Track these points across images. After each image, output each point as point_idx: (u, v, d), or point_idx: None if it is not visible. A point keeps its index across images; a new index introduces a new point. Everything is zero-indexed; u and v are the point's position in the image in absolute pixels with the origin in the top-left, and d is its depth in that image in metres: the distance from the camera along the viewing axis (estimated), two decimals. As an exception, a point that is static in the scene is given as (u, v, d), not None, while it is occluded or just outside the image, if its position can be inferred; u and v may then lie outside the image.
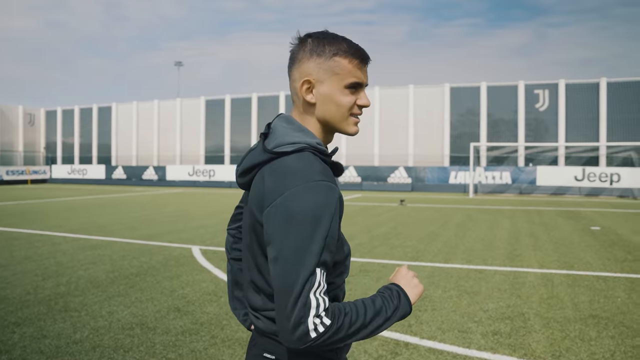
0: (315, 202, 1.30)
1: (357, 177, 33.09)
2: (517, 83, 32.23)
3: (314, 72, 1.45)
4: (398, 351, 4.35)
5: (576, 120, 31.27)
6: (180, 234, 11.42)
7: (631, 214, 17.00)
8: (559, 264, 8.21)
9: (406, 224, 13.49)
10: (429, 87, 33.98)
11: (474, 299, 6.03)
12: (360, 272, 7.50)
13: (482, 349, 4.40)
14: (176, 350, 4.39)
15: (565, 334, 4.80)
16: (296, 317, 1.25)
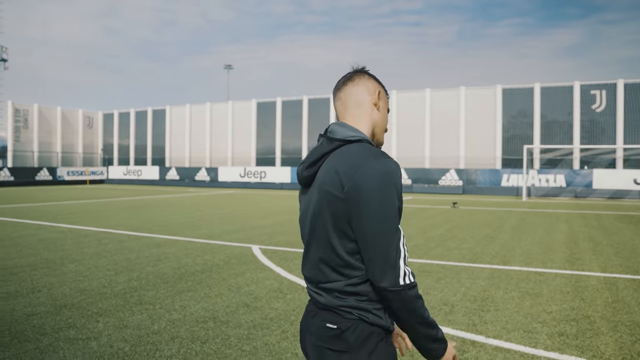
0: (390, 171, 1.69)
1: (407, 179, 33.00)
2: (573, 84, 31.53)
3: (379, 91, 1.95)
4: (465, 349, 4.45)
5: (635, 121, 30.35)
6: (238, 233, 11.73)
7: (695, 219, 16.45)
8: (622, 268, 8.09)
9: (460, 226, 13.46)
10: (481, 89, 33.60)
11: (536, 301, 6.05)
12: (421, 272, 7.59)
13: (549, 349, 4.45)
14: (250, 342, 4.60)
15: (635, 338, 4.78)
16: (392, 261, 1.65)
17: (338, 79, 2.00)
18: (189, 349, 4.42)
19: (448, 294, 6.32)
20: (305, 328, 1.93)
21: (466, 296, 6.24)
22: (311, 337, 1.85)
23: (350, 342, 1.74)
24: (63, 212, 16.75)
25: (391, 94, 35.46)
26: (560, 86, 32.04)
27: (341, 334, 1.75)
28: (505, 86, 33.08)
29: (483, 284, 6.86)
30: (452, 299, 6.12)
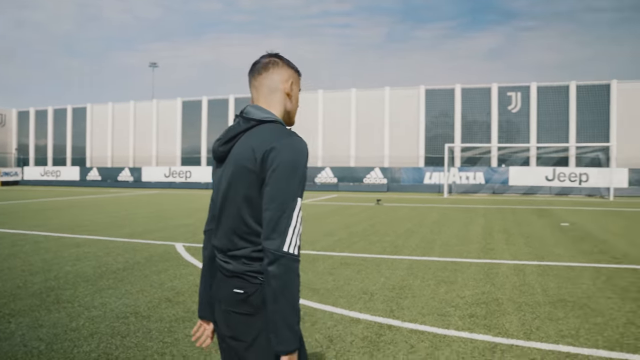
0: (299, 149, 1.86)
1: (333, 178, 33.42)
2: (491, 85, 32.95)
3: (292, 77, 2.08)
4: (382, 332, 4.64)
5: (547, 122, 32.10)
6: (162, 232, 11.58)
7: (598, 212, 17.62)
8: (530, 256, 8.60)
9: (384, 221, 13.83)
10: (405, 89, 34.50)
11: (450, 287, 6.36)
12: (342, 264, 7.79)
13: (460, 329, 4.71)
14: (172, 335, 4.61)
15: (535, 316, 5.15)
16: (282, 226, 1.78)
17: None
18: (109, 344, 4.38)
19: (368, 284, 6.53)
20: (215, 297, 2.03)
21: (385, 285, 6.47)
22: (220, 305, 1.97)
23: (255, 305, 1.87)
24: (-26, 214, 15.92)
25: (318, 94, 35.83)
26: (479, 88, 33.41)
27: (247, 298, 1.87)
28: (428, 87, 34.13)
29: (402, 274, 7.13)
30: (371, 288, 6.33)
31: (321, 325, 4.86)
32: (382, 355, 4.12)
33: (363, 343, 4.38)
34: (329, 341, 4.43)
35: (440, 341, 4.42)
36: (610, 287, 6.43)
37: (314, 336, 4.54)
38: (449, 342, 4.40)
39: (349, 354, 4.16)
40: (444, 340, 4.43)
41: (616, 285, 6.50)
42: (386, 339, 4.47)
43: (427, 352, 4.17)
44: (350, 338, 4.50)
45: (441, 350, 4.21)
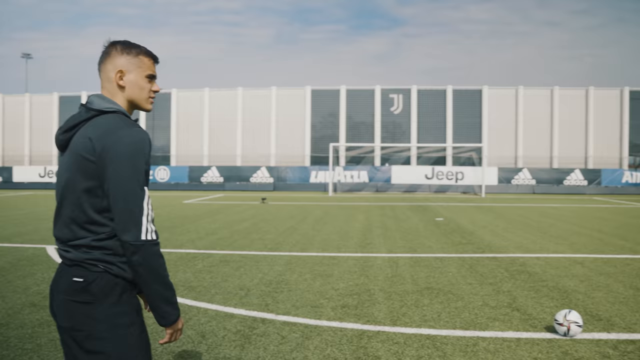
0: (139, 139, 1.88)
1: (219, 177, 33.01)
2: (374, 87, 34.09)
3: (124, 65, 2.02)
4: (255, 326, 4.68)
5: (426, 123, 33.81)
6: (32, 235, 10.89)
7: (471, 207, 18.81)
8: (404, 249, 9.03)
9: (267, 220, 13.89)
10: (291, 89, 34.82)
11: (326, 280, 6.53)
12: (221, 262, 7.75)
13: (331, 319, 4.86)
14: (33, 341, 4.36)
15: (403, 303, 5.42)
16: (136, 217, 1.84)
17: None
18: (-41, 352, 4.07)
19: (245, 280, 6.55)
20: (54, 289, 1.99)
21: (262, 281, 6.52)
22: (59, 295, 1.93)
23: (94, 293, 1.87)
24: None
25: (204, 92, 35.24)
26: (364, 89, 34.46)
27: (87, 286, 1.86)
28: (314, 87, 34.68)
29: (280, 269, 7.22)
30: (248, 284, 6.35)
31: (195, 322, 4.82)
32: (253, 347, 4.16)
33: (235, 337, 4.40)
34: (201, 337, 4.40)
35: (311, 331, 4.53)
36: (472, 274, 6.90)
37: (186, 333, 4.50)
38: (320, 331, 4.53)
39: (220, 347, 4.16)
40: (314, 330, 4.55)
41: (477, 272, 7.00)
42: (258, 332, 4.52)
43: (298, 342, 4.27)
44: (222, 333, 4.50)
45: (311, 339, 4.33)
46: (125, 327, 1.92)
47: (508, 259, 8.05)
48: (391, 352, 4.05)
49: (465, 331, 4.52)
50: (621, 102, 33.25)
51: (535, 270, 7.22)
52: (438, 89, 34.08)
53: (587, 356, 3.99)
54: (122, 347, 1.89)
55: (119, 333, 1.90)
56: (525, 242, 9.92)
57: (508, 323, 4.76)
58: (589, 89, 33.24)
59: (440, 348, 4.13)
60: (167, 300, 1.93)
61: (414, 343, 4.24)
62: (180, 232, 11.11)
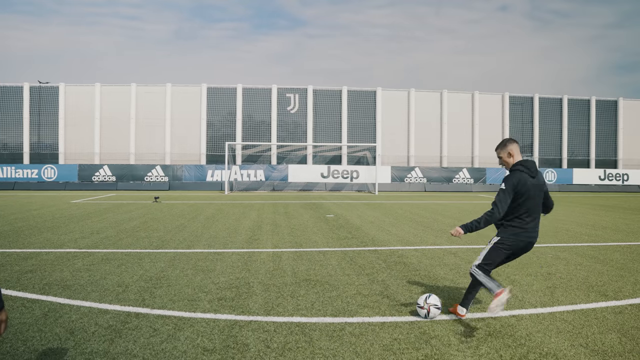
0: None
1: (112, 176, 31.84)
2: (271, 86, 34.23)
3: None
4: (129, 320, 4.66)
5: (322, 122, 34.43)
6: None
7: (362, 204, 19.42)
8: (290, 244, 9.22)
9: (157, 218, 13.63)
10: (187, 87, 34.20)
11: (207, 275, 6.57)
12: (103, 261, 7.56)
13: (206, 312, 4.92)
14: None
15: (279, 294, 5.58)
16: None
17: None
18: None
19: (125, 277, 6.45)
20: None
21: (142, 277, 6.45)
22: None
23: None
24: None
25: (95, 87, 33.80)
26: (261, 88, 34.50)
27: None
28: (210, 85, 34.27)
29: (162, 266, 7.16)
30: (128, 280, 6.27)
31: (65, 319, 4.71)
32: (122, 340, 4.15)
33: (106, 332, 4.36)
34: (69, 333, 4.32)
35: (184, 323, 4.57)
36: (351, 266, 7.20)
37: (54, 331, 4.39)
38: (193, 323, 4.58)
39: (88, 343, 4.11)
40: (187, 322, 4.60)
41: (356, 264, 7.31)
42: (131, 326, 4.50)
43: (169, 333, 4.30)
44: (93, 328, 4.44)
45: (183, 331, 4.37)
46: None
47: (388, 251, 8.46)
48: (260, 339, 4.19)
49: (334, 318, 4.74)
50: (502, 106, 35.60)
51: (412, 261, 7.65)
52: (334, 90, 34.83)
53: (442, 334, 4.33)
54: None
55: None
56: (408, 235, 10.43)
57: (376, 309, 5.04)
58: (475, 93, 35.31)
59: (308, 334, 4.31)
60: None
61: (283, 330, 4.40)
62: (63, 232, 10.67)
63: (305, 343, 4.11)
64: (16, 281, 6.21)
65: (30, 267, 7.05)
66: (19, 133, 33.31)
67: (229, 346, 4.04)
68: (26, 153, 33.18)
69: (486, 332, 4.40)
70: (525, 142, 35.93)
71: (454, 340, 4.20)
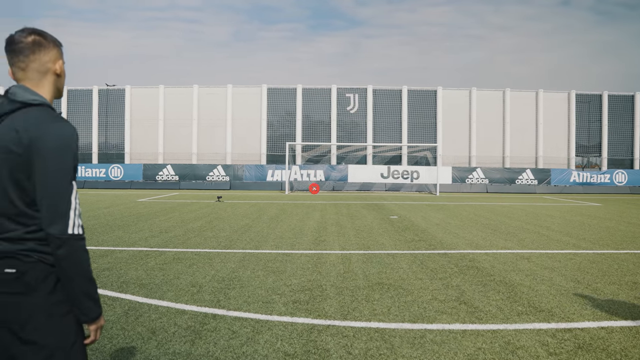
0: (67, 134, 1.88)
1: (174, 175, 32.61)
2: (331, 86, 34.24)
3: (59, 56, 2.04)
4: (206, 322, 4.68)
5: (382, 122, 34.19)
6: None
7: (424, 205, 19.12)
8: (357, 246, 9.13)
9: (222, 218, 13.81)
10: (247, 88, 34.64)
11: (279, 277, 6.56)
12: (174, 260, 7.68)
13: (282, 314, 4.89)
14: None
15: (354, 298, 5.50)
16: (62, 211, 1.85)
17: (7, 42, 1.98)
18: None
19: (198, 277, 6.52)
20: None
21: (215, 278, 6.50)
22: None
23: (28, 282, 1.85)
24: None
25: (159, 89, 34.74)
26: (320, 88, 34.56)
27: (20, 277, 1.84)
28: (271, 86, 34.59)
29: (233, 266, 7.21)
30: (201, 281, 6.33)
31: (145, 318, 4.77)
32: (203, 342, 4.16)
33: (186, 332, 4.39)
34: (151, 333, 4.37)
35: (262, 326, 4.55)
36: (422, 269, 7.04)
37: (136, 329, 4.46)
38: (270, 326, 4.55)
39: (170, 343, 4.14)
40: (265, 325, 4.58)
41: (427, 268, 7.15)
42: (209, 327, 4.51)
43: (248, 336, 4.29)
44: (173, 329, 4.48)
45: (262, 334, 4.35)
46: (60, 317, 1.90)
47: (458, 255, 8.25)
48: (340, 345, 4.11)
49: (413, 324, 4.62)
50: (569, 105, 34.39)
51: (484, 265, 7.42)
52: (393, 89, 34.51)
53: (528, 345, 4.14)
54: (58, 336, 1.89)
55: (55, 322, 1.88)
56: (476, 238, 10.17)
57: (455, 316, 4.89)
58: (539, 92, 34.25)
59: (389, 340, 4.21)
60: (89, 295, 1.94)
61: (362, 336, 4.31)
62: (133, 231, 10.94)
63: (387, 350, 4.01)
64: (95, 278, 6.35)
65: (106, 265, 7.23)
66: (89, 134, 34.56)
67: (310, 351, 3.98)
68: (95, 153, 34.41)
69: (575, 345, 4.18)
70: (592, 141, 34.59)
71: (542, 352, 4.01)
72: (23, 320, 1.85)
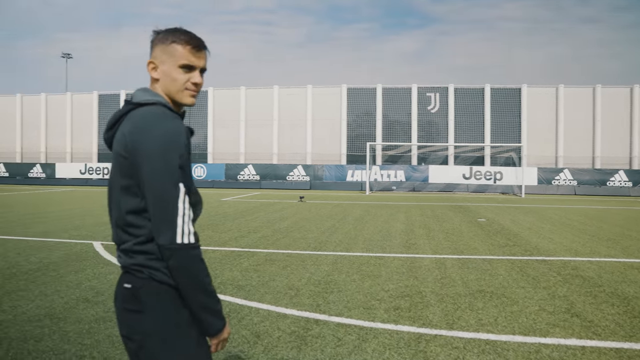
0: (170, 132, 1.72)
1: (255, 175, 33.21)
2: (411, 86, 33.81)
3: (158, 56, 1.86)
4: (309, 327, 4.65)
5: (464, 122, 33.39)
6: (79, 230, 11.09)
7: (511, 208, 18.47)
8: (450, 250, 8.89)
9: (307, 218, 13.88)
10: (327, 88, 34.78)
11: (375, 281, 6.46)
12: (267, 261, 7.74)
13: (385, 322, 4.79)
14: (91, 336, 4.40)
15: (457, 306, 5.32)
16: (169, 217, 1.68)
17: None
18: (20, 349, 4.12)
19: (293, 280, 6.53)
20: (115, 294, 1.88)
21: (311, 281, 6.49)
22: (117, 302, 1.83)
23: (143, 301, 1.74)
24: None
25: (240, 90, 35.48)
26: (400, 88, 34.22)
27: (135, 293, 1.75)
28: (350, 86, 34.58)
29: (327, 269, 7.17)
30: (297, 283, 6.33)
31: (248, 321, 4.80)
32: (310, 349, 4.12)
33: (290, 338, 4.37)
34: (256, 337, 4.38)
35: (367, 333, 4.47)
36: (523, 277, 6.74)
37: (240, 332, 4.48)
38: (376, 334, 4.46)
39: (276, 349, 4.13)
40: (370, 333, 4.49)
41: (528, 276, 6.84)
42: (313, 333, 4.48)
43: (355, 344, 4.21)
44: (277, 333, 4.48)
45: (368, 342, 4.27)
46: (175, 340, 1.75)
47: (559, 262, 7.85)
48: (452, 357, 3.96)
49: (525, 337, 4.39)
50: (667, 101, 32.24)
51: (590, 274, 7.02)
52: (475, 88, 33.62)
53: (658, 366, 3.84)
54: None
55: (170, 347, 1.74)
56: (574, 245, 9.67)
57: (569, 330, 4.61)
58: (634, 87, 32.31)
59: (502, 354, 4.02)
60: (208, 309, 1.76)
61: (474, 348, 4.14)
62: (222, 230, 11.17)
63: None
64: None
65: (203, 265, 7.37)
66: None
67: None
68: (180, 153, 35.56)
69: None
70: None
71: (674, 373, 3.71)
72: (139, 341, 1.76)
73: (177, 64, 1.84)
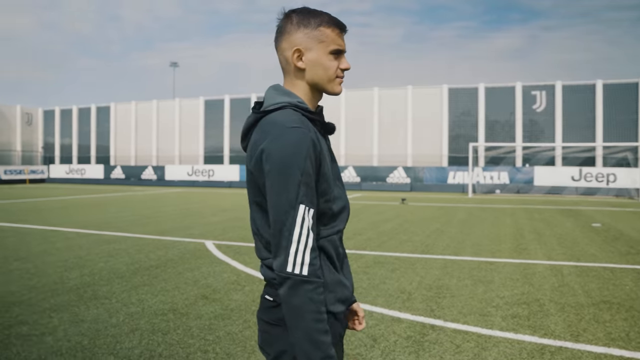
0: (294, 145, 1.51)
1: (356, 177, 33.31)
2: (515, 84, 32.57)
3: (302, 42, 1.67)
4: (425, 332, 4.58)
5: (572, 121, 31.65)
6: (191, 229, 11.61)
7: (629, 212, 17.30)
8: (565, 256, 8.46)
9: (411, 221, 13.72)
10: (427, 88, 34.26)
11: (488, 287, 6.26)
12: (376, 264, 7.73)
13: (504, 330, 4.63)
14: (213, 332, 4.59)
15: (580, 317, 5.04)
16: (283, 241, 1.50)
17: None
18: (150, 340, 4.37)
19: (404, 283, 6.46)
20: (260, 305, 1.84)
21: (422, 284, 6.40)
22: (258, 311, 1.79)
23: (280, 317, 1.63)
24: (1, 211, 16.13)
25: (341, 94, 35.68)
26: (503, 87, 33.04)
27: (276, 307, 1.65)
28: (451, 86, 33.85)
29: (437, 273, 7.05)
30: (408, 287, 6.26)
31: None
32: (428, 355, 4.06)
33: (407, 342, 4.32)
34: (372, 340, 4.38)
35: (486, 342, 4.33)
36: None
37: (356, 335, 4.49)
38: (495, 342, 4.32)
39: (394, 353, 4.10)
40: (489, 341, 4.35)
41: (659, 287, 6.36)
42: (430, 339, 4.40)
43: (474, 352, 4.10)
44: (393, 337, 4.44)
45: (488, 351, 4.13)
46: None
47: (691, 273, 7.25)
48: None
49: (662, 353, 4.09)
50: None
51: None
52: (585, 84, 31.77)
53: None
54: None
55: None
56: None
57: None
58: None
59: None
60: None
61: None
62: (327, 231, 11.25)
63: (639, 382, 3.58)
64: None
65: (312, 267, 7.47)
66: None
67: (548, 375, 3.69)
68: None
69: None
70: None
71: None
72: (273, 354, 1.67)
73: (327, 50, 1.68)
